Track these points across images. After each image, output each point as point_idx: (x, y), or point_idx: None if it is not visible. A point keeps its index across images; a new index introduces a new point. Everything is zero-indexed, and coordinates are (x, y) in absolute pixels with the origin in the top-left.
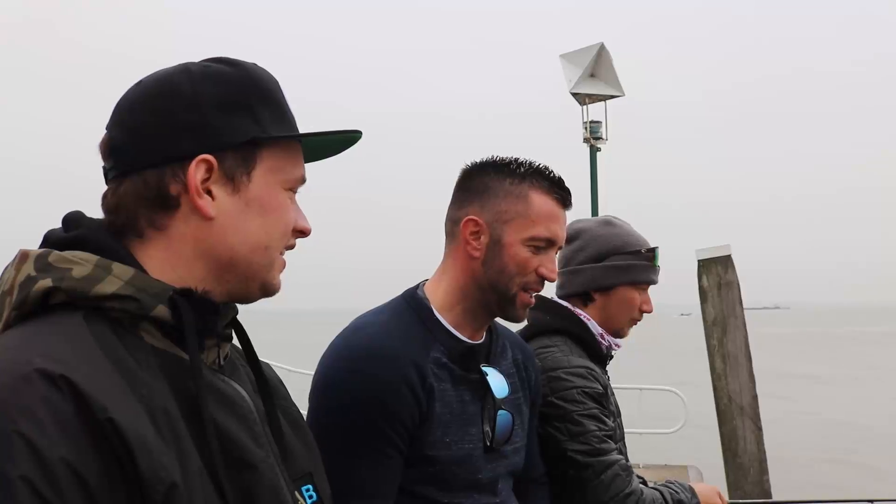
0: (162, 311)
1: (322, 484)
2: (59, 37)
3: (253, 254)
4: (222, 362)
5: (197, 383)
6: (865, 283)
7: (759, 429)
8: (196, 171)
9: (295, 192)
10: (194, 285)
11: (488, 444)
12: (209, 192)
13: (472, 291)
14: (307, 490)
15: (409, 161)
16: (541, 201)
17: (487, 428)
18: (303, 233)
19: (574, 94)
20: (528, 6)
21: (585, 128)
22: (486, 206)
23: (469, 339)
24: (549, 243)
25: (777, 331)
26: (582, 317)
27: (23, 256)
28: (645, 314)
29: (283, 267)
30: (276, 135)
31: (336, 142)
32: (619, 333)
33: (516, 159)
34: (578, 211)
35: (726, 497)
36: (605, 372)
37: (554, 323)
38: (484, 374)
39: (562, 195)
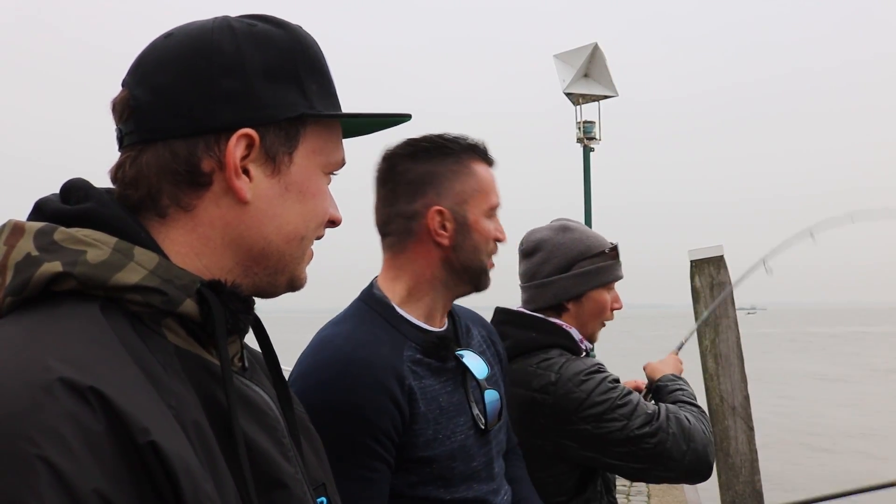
0: (189, 306)
1: (334, 495)
2: (61, 35)
3: (287, 244)
4: (246, 364)
5: (228, 393)
6: (851, 285)
7: (751, 429)
8: (234, 147)
9: (332, 177)
10: (221, 276)
11: (482, 427)
12: (246, 172)
13: (444, 278)
14: (321, 502)
15: None
16: (483, 171)
17: (477, 412)
18: (334, 222)
19: (567, 95)
20: (522, 4)
21: (579, 128)
22: (442, 192)
23: (436, 328)
24: (497, 208)
25: (757, 331)
26: (565, 327)
27: (16, 229)
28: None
29: (311, 259)
30: (325, 112)
31: (376, 124)
32: (591, 338)
33: (440, 137)
34: (572, 211)
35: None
36: None
37: (542, 339)
38: (460, 359)
39: (490, 159)
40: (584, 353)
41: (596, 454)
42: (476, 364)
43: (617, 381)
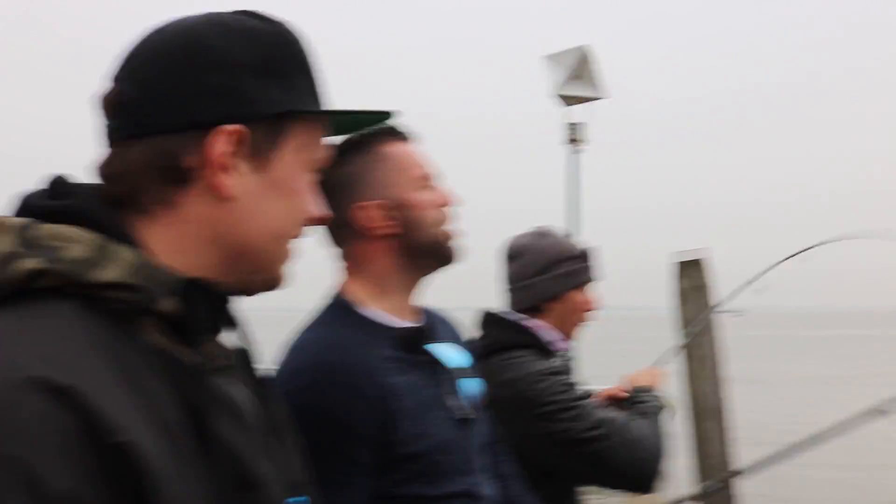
0: (169, 304)
1: (317, 495)
2: (61, 35)
3: (270, 243)
4: (227, 362)
5: (204, 392)
6: (829, 289)
7: (728, 430)
8: (220, 143)
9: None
10: (203, 274)
11: (463, 418)
12: (231, 169)
13: (406, 265)
14: (302, 502)
15: None
16: (397, 149)
17: (456, 403)
18: (315, 220)
19: (557, 96)
20: (515, 4)
21: (568, 129)
22: (367, 186)
23: (406, 323)
24: (429, 176)
25: (742, 334)
26: (532, 328)
27: None
28: (594, 310)
29: (292, 257)
30: (313, 108)
31: (361, 123)
32: (571, 336)
33: (346, 139)
34: (561, 212)
35: None
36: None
37: (511, 338)
38: (433, 352)
39: (401, 135)
40: (559, 355)
41: (542, 452)
42: (449, 355)
43: (574, 385)
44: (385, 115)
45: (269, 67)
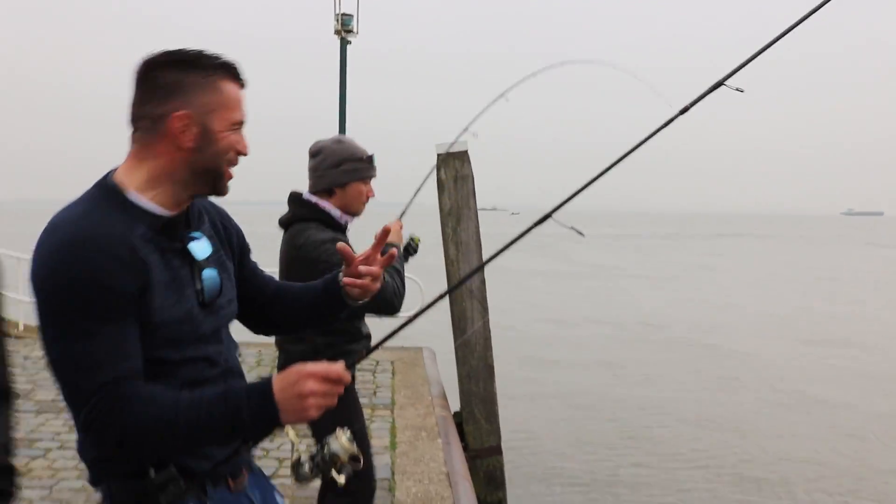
0: None
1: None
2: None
3: None
4: None
5: None
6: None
7: (486, 310)
8: None
9: None
10: None
11: (201, 300)
12: None
13: (183, 177)
14: None
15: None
16: (231, 89)
17: (199, 286)
18: None
19: None
20: None
21: (337, 20)
22: (189, 101)
23: (169, 213)
24: (242, 123)
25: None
26: (324, 207)
27: None
28: (371, 198)
29: None
30: None
31: None
32: (356, 213)
33: (197, 52)
34: (329, 102)
35: None
36: (347, 238)
37: (307, 214)
38: (186, 240)
39: (240, 79)
40: (343, 223)
41: None
42: (200, 246)
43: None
44: None
45: None
